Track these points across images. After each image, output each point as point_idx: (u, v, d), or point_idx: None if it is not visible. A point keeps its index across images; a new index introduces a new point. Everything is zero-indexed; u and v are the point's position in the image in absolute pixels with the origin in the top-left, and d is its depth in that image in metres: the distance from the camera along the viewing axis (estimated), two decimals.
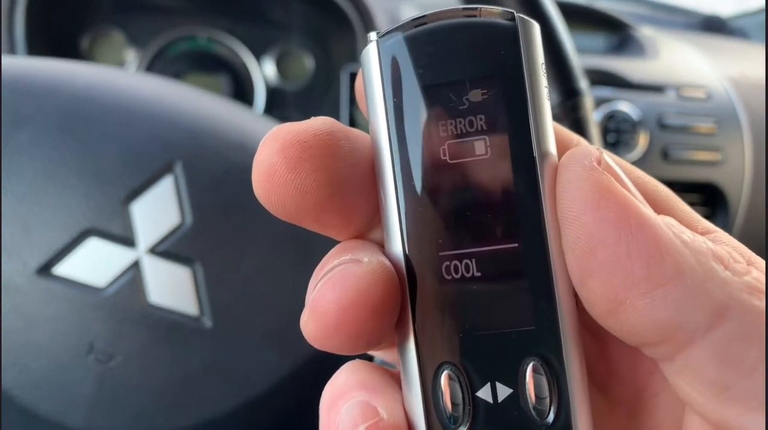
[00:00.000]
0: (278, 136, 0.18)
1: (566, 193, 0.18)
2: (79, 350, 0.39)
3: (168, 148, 0.41)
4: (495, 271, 0.18)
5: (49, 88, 0.41)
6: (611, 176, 0.18)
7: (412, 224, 0.18)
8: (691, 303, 0.16)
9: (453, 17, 0.18)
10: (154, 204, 0.40)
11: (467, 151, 0.18)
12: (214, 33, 0.92)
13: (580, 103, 0.46)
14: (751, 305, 0.17)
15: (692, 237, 0.18)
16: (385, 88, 0.19)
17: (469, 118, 0.18)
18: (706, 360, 0.17)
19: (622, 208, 0.17)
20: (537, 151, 0.18)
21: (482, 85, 0.18)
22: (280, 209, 0.19)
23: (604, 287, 0.17)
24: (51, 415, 0.39)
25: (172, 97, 0.44)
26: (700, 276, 0.17)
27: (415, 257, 0.18)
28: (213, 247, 0.40)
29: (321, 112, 0.89)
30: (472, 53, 0.18)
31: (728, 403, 0.17)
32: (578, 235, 0.17)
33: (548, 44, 0.47)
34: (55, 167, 0.39)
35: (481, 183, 0.18)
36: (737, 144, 0.92)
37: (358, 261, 0.18)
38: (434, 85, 0.18)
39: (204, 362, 0.40)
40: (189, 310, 0.39)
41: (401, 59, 0.18)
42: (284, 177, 0.18)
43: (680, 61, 1.00)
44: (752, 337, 0.16)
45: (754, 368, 0.16)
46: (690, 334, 0.17)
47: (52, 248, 0.38)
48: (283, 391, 0.41)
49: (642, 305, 0.17)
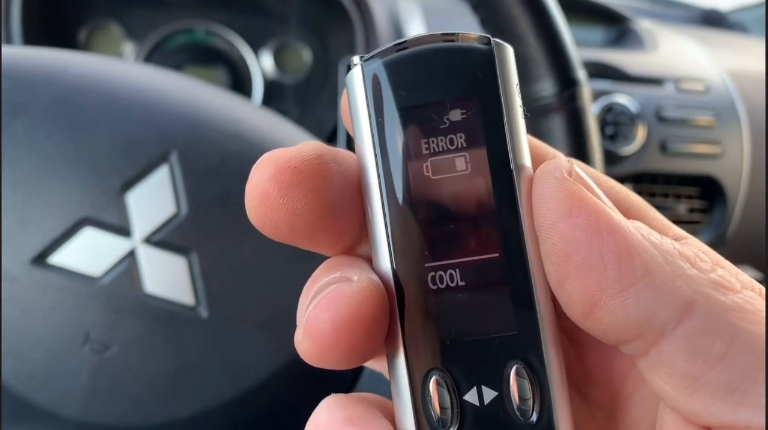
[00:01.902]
0: (270, 162, 0.19)
1: (541, 203, 0.19)
2: (75, 340, 0.38)
3: (163, 137, 0.40)
4: (478, 280, 0.19)
5: (45, 77, 0.41)
6: (582, 186, 0.19)
7: (399, 238, 0.19)
8: (660, 300, 0.17)
9: (433, 42, 0.19)
10: (150, 194, 0.39)
11: (449, 167, 0.19)
12: (212, 26, 0.91)
13: (578, 93, 0.46)
14: (717, 299, 0.18)
15: (660, 239, 0.19)
16: (370, 110, 0.20)
17: (449, 136, 0.19)
18: (676, 353, 0.18)
19: (593, 214, 0.18)
20: (514, 166, 0.19)
21: (461, 106, 0.19)
22: (274, 232, 0.20)
23: (580, 289, 0.18)
24: (46, 405, 0.39)
25: (168, 87, 0.43)
26: (668, 274, 0.18)
27: (402, 270, 0.19)
28: (209, 236, 0.40)
29: (318, 105, 0.89)
30: (451, 75, 0.19)
31: (697, 394, 0.18)
32: (554, 242, 0.18)
33: (546, 35, 0.46)
34: (50, 157, 0.39)
35: (462, 197, 0.19)
36: (736, 137, 0.92)
37: (349, 279, 0.19)
38: (416, 106, 0.19)
39: (200, 351, 0.40)
40: (185, 300, 0.39)
41: (384, 82, 0.19)
42: (277, 202, 0.19)
43: (679, 54, 1.00)
44: (718, 330, 0.17)
45: (720, 358, 0.17)
46: (661, 329, 0.18)
47: (47, 238, 0.38)
48: (280, 381, 0.41)
49: (615, 304, 0.18)
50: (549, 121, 0.46)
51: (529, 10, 0.46)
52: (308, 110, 0.93)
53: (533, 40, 0.45)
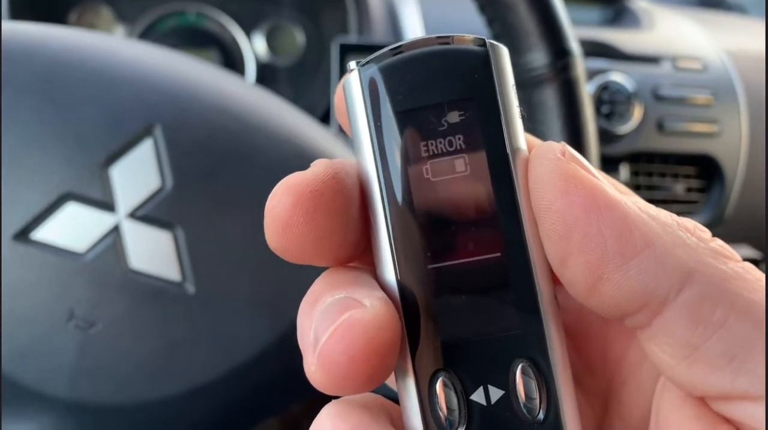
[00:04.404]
0: (289, 189, 0.19)
1: (537, 185, 0.19)
2: (60, 317, 0.38)
3: (148, 111, 0.40)
4: (481, 281, 0.19)
5: (26, 49, 0.40)
6: (576, 164, 0.19)
7: (400, 241, 0.20)
8: (661, 270, 0.18)
9: (428, 45, 0.20)
10: (134, 168, 0.39)
11: (448, 169, 0.19)
12: (204, 8, 0.90)
13: (571, 63, 0.45)
14: (717, 268, 0.18)
15: (657, 211, 0.19)
16: (368, 114, 0.20)
17: (448, 138, 0.19)
18: (676, 322, 0.18)
19: (589, 191, 0.18)
20: (513, 166, 0.19)
21: (459, 107, 0.19)
22: (299, 257, 0.20)
23: (583, 266, 0.18)
24: (32, 384, 0.38)
25: (153, 60, 0.43)
26: (668, 244, 0.18)
27: (405, 273, 0.19)
28: (194, 211, 0.39)
29: (312, 87, 0.88)
30: (447, 78, 0.19)
31: (697, 363, 0.18)
32: (553, 221, 0.18)
33: (538, 5, 0.46)
34: (31, 131, 0.38)
35: (463, 198, 0.19)
36: (734, 116, 0.91)
37: (360, 304, 0.18)
38: (414, 109, 0.19)
39: (188, 328, 0.39)
40: (171, 275, 0.39)
41: (381, 86, 0.20)
42: (301, 229, 0.19)
43: (676, 32, 0.99)
44: (718, 297, 0.18)
45: (720, 326, 0.17)
46: (662, 298, 0.18)
47: (29, 213, 0.38)
48: (270, 357, 0.40)
49: (618, 277, 0.18)
50: (541, 92, 0.45)
51: None
52: (302, 92, 0.92)
53: (525, 9, 0.45)
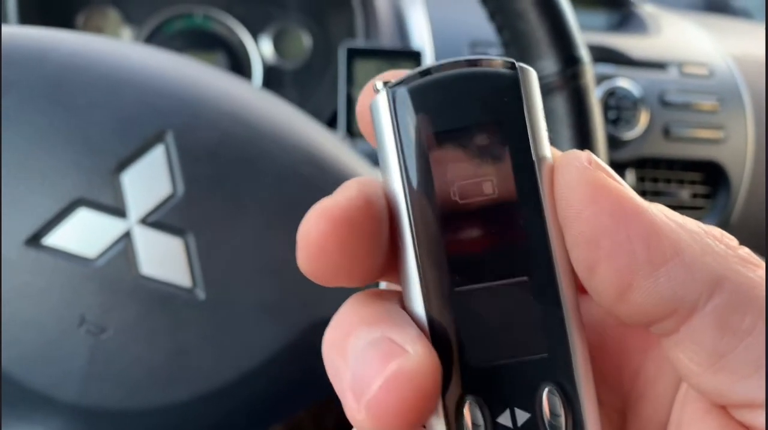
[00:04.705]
0: (323, 216, 0.19)
1: (564, 193, 0.19)
2: (71, 323, 0.38)
3: (159, 117, 0.40)
4: (509, 304, 0.19)
5: (36, 55, 0.40)
6: (602, 172, 0.19)
7: (427, 263, 0.20)
8: (691, 277, 0.18)
9: (457, 68, 0.20)
10: (145, 174, 0.39)
11: (476, 191, 0.19)
12: (211, 11, 0.91)
13: (581, 71, 0.45)
14: (746, 276, 0.18)
15: (684, 219, 0.19)
16: (396, 136, 0.20)
17: (476, 160, 0.19)
18: (704, 329, 0.18)
19: (617, 199, 0.18)
20: (541, 188, 0.19)
21: (487, 130, 0.19)
22: (330, 281, 0.20)
23: (611, 273, 0.18)
24: (43, 388, 0.38)
25: (164, 66, 0.43)
26: (697, 252, 0.18)
27: (434, 300, 0.20)
28: (205, 217, 0.39)
29: (319, 91, 0.88)
30: (476, 101, 0.19)
31: (723, 371, 0.18)
32: (581, 229, 0.18)
33: (548, 12, 0.46)
34: (43, 136, 0.38)
35: (490, 221, 0.19)
36: (740, 122, 0.91)
37: (404, 351, 0.18)
38: (443, 132, 0.19)
39: (198, 334, 0.39)
40: (182, 281, 0.39)
41: (410, 108, 0.20)
42: (336, 256, 0.19)
43: (683, 38, 0.99)
44: (746, 305, 0.17)
45: (748, 334, 0.17)
46: (692, 306, 0.18)
47: (41, 219, 0.38)
48: (280, 363, 0.40)
49: (647, 285, 0.18)
50: (551, 100, 0.45)
51: None
52: (308, 95, 0.92)
53: (535, 17, 0.45)
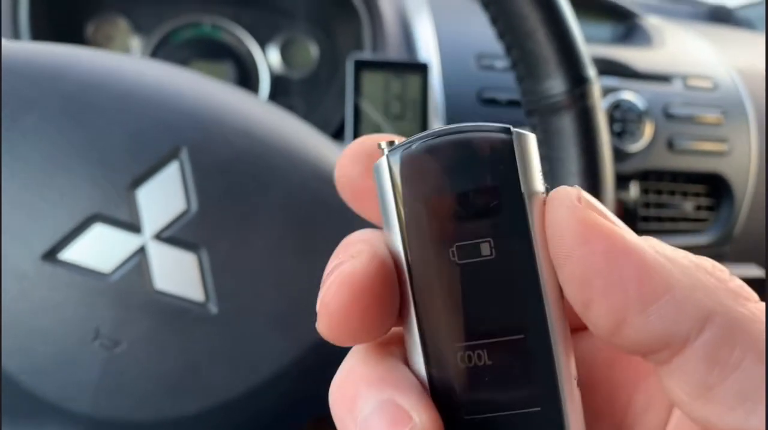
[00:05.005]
0: (344, 285, 0.20)
1: (556, 232, 0.19)
2: (85, 336, 0.39)
3: (173, 134, 0.40)
4: (505, 361, 0.20)
5: (54, 72, 0.41)
6: (592, 211, 0.19)
7: (426, 321, 0.20)
8: (682, 313, 0.18)
9: (454, 133, 0.21)
10: (160, 190, 0.39)
11: (474, 252, 0.20)
12: (219, 20, 0.91)
13: (589, 91, 0.46)
14: (736, 310, 0.18)
15: (674, 253, 0.19)
16: (397, 199, 0.21)
17: (474, 223, 0.20)
18: (695, 362, 0.18)
19: (608, 239, 0.19)
20: (537, 249, 0.20)
21: (484, 194, 0.20)
22: (348, 342, 0.20)
23: (605, 311, 0.19)
24: (57, 400, 0.39)
25: (178, 83, 0.43)
26: (687, 287, 0.18)
27: (433, 358, 0.21)
28: (218, 233, 0.40)
29: (326, 100, 0.89)
30: (473, 166, 0.20)
31: (711, 402, 0.18)
32: (573, 270, 0.19)
33: (556, 32, 0.46)
34: (60, 152, 0.39)
35: (488, 281, 0.20)
36: (743, 135, 0.92)
37: (410, 419, 0.19)
38: (440, 196, 0.20)
39: (209, 348, 0.40)
40: (195, 296, 0.39)
41: (408, 173, 0.20)
42: (356, 322, 0.20)
43: (687, 50, 1.00)
44: (735, 340, 0.18)
45: (735, 368, 0.18)
46: (683, 340, 0.18)
47: (57, 234, 0.38)
48: (289, 377, 0.41)
49: (640, 321, 0.18)
50: (559, 120, 0.46)
51: (539, 7, 0.46)
52: (315, 105, 0.93)
53: (543, 37, 0.45)
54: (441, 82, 0.83)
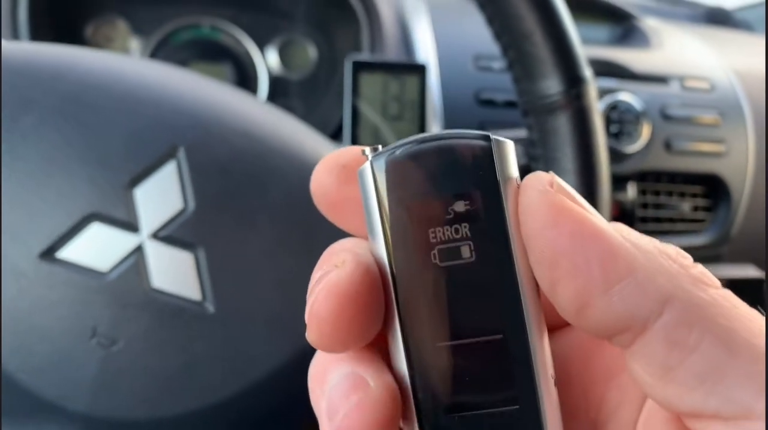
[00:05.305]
0: (331, 294, 0.20)
1: (527, 215, 0.20)
2: (82, 335, 0.39)
3: (171, 133, 0.41)
4: (484, 359, 0.21)
5: (53, 73, 0.41)
6: (563, 195, 0.20)
7: (408, 322, 0.21)
8: (643, 295, 0.19)
9: (435, 140, 0.21)
10: (157, 189, 0.40)
11: (454, 255, 0.21)
12: (218, 22, 0.91)
13: (584, 91, 0.46)
14: (695, 294, 0.19)
15: (640, 239, 0.20)
16: (380, 203, 0.21)
17: (455, 226, 0.21)
18: (655, 344, 0.19)
19: (576, 222, 0.19)
20: (515, 254, 0.21)
21: (464, 199, 0.21)
22: (336, 349, 0.21)
23: (570, 292, 0.19)
24: (54, 398, 0.39)
25: (177, 83, 0.44)
26: (649, 271, 0.19)
27: (414, 353, 0.21)
28: (216, 232, 0.40)
29: (324, 102, 0.89)
30: (453, 171, 0.21)
31: (672, 383, 0.19)
32: (542, 250, 0.20)
33: (553, 33, 0.47)
34: (58, 152, 0.39)
35: (468, 284, 0.21)
36: (741, 136, 0.92)
37: (367, 384, 0.20)
38: (422, 200, 0.21)
39: (207, 346, 0.40)
40: (192, 295, 0.40)
41: (390, 178, 0.21)
42: (343, 330, 0.20)
43: (684, 52, 1.00)
44: (693, 323, 0.19)
45: (694, 350, 0.18)
46: (644, 322, 0.19)
47: (55, 233, 0.39)
48: (286, 375, 0.41)
49: (602, 303, 0.19)
50: (555, 120, 0.46)
51: (535, 7, 0.46)
52: (314, 107, 0.93)
53: (540, 37, 0.46)
54: (439, 83, 0.83)
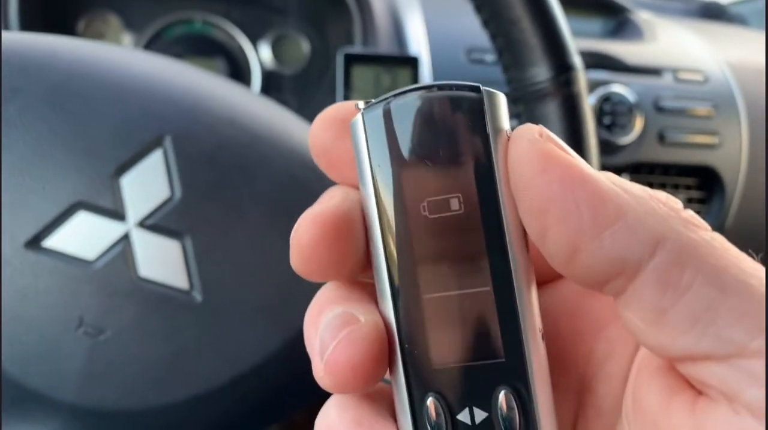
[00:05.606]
0: (315, 221, 0.21)
1: (516, 164, 0.20)
2: (69, 324, 0.39)
3: (158, 122, 0.40)
4: (471, 311, 0.21)
5: (40, 61, 0.41)
6: (552, 144, 0.20)
7: (396, 273, 0.21)
8: (634, 238, 0.19)
9: (427, 91, 0.21)
10: (144, 178, 0.39)
11: (443, 207, 0.21)
12: (210, 17, 0.91)
13: (573, 78, 0.46)
14: (686, 236, 0.19)
15: (631, 185, 0.20)
16: (371, 155, 0.21)
17: (444, 178, 0.21)
18: (647, 287, 0.19)
19: (565, 168, 0.19)
20: (503, 206, 0.21)
21: (454, 150, 0.21)
22: (320, 278, 0.22)
23: (560, 238, 0.19)
24: (41, 389, 0.39)
25: (164, 72, 0.43)
26: (640, 214, 0.19)
27: (401, 303, 0.21)
28: (203, 221, 0.40)
29: (317, 96, 0.89)
30: (444, 123, 0.21)
31: (665, 326, 0.19)
32: (532, 198, 0.20)
33: (541, 20, 0.46)
34: (44, 141, 0.39)
35: (456, 235, 0.21)
36: (734, 127, 0.92)
37: (357, 320, 0.21)
38: (412, 152, 0.21)
39: (195, 335, 0.40)
40: (179, 283, 0.39)
41: (382, 129, 0.21)
42: (325, 256, 0.21)
43: (678, 44, 1.00)
44: (685, 264, 0.18)
45: (687, 290, 0.18)
46: (635, 265, 0.19)
47: (41, 221, 0.38)
48: (275, 364, 0.41)
49: (593, 247, 0.19)
50: (544, 107, 0.46)
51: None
52: (307, 101, 0.93)
53: (528, 25, 0.45)
54: (431, 75, 0.83)
